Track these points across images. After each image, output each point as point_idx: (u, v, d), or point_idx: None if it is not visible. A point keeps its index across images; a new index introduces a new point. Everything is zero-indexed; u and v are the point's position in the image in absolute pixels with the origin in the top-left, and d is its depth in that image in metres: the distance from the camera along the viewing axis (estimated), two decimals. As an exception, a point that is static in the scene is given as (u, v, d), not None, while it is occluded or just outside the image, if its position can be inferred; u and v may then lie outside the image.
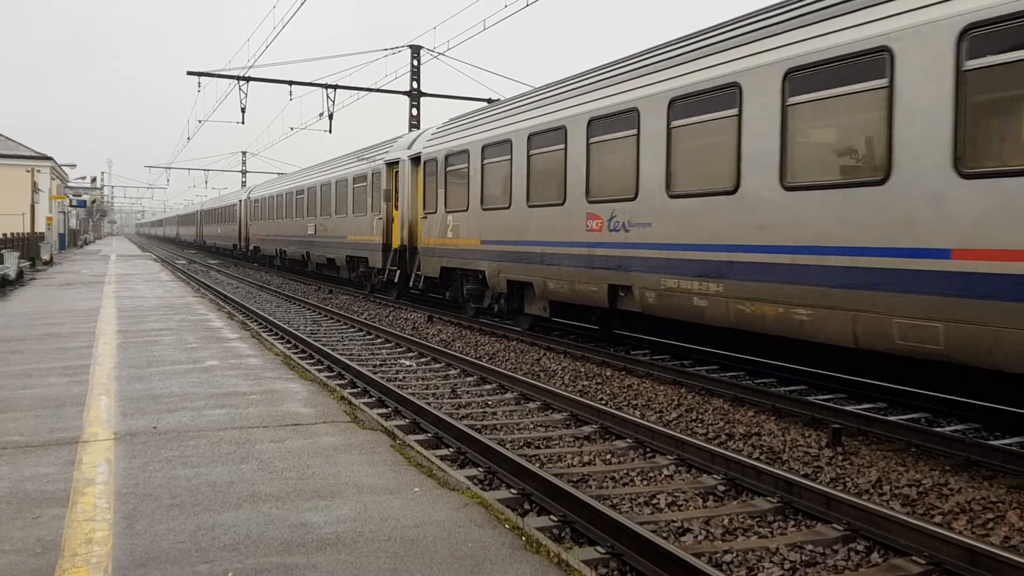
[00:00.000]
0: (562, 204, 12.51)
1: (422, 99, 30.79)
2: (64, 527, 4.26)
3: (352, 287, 25.43)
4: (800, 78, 8.14)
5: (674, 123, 10.05)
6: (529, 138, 13.58)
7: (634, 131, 10.80)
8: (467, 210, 15.78)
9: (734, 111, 9.00)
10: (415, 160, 19.22)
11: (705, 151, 9.69)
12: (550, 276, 12.88)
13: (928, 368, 8.35)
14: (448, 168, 16.83)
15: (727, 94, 9.11)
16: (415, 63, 30.37)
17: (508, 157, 14.26)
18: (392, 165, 20.68)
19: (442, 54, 28.11)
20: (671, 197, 10.17)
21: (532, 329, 14.48)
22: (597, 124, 11.71)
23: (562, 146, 12.57)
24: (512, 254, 14.03)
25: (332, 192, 26.09)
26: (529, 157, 13.58)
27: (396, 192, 20.49)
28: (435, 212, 17.31)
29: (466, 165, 15.92)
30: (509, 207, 14.19)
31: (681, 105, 9.92)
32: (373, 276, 22.37)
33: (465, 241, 15.95)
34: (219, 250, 56.22)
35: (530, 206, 13.52)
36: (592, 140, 11.80)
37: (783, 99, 8.33)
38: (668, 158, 10.20)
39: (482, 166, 15.30)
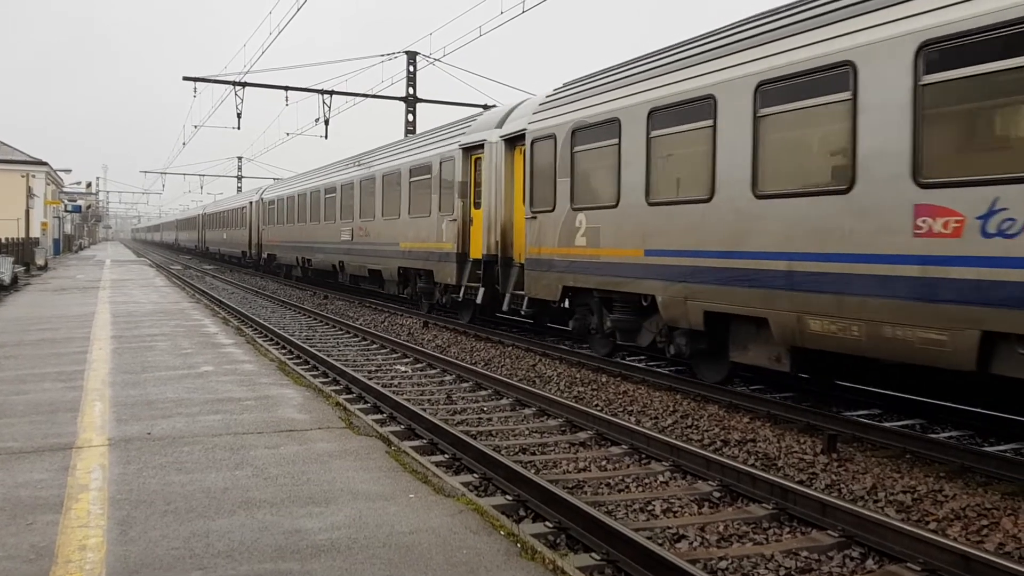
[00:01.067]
0: (847, 191, 7.72)
1: (418, 105, 30.83)
2: (58, 533, 4.25)
3: (403, 305, 21.15)
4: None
5: None
6: (759, 89, 8.76)
7: None
8: (616, 206, 11.24)
9: None
10: (511, 141, 14.78)
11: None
12: (810, 309, 8.06)
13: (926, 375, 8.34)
14: (578, 147, 12.23)
15: None
16: (411, 69, 30.40)
17: (709, 123, 9.50)
18: (471, 150, 16.12)
19: (438, 60, 28.21)
20: None
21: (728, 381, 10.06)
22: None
23: (847, 95, 7.73)
24: (718, 272, 9.30)
25: (377, 189, 21.34)
26: (759, 119, 8.77)
27: (474, 185, 16.06)
28: (551, 210, 12.81)
29: (615, 140, 11.29)
30: (710, 199, 9.45)
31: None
32: (438, 294, 17.70)
33: (613, 251, 11.37)
34: (225, 258, 50.63)
35: (761, 196, 8.75)
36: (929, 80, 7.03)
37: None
38: None
39: (649, 141, 10.60)
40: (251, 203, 40.01)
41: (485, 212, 15.49)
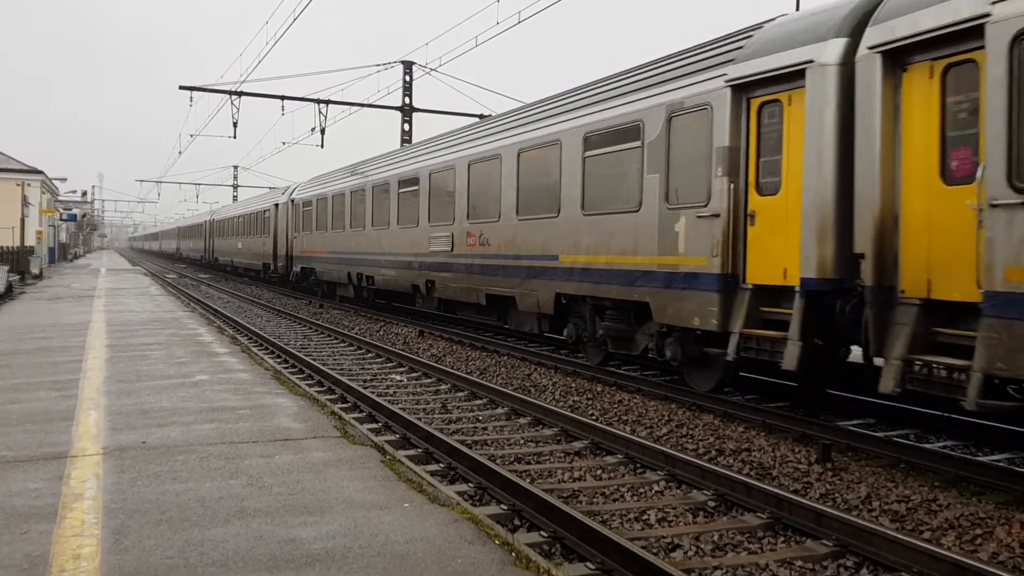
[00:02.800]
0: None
1: (414, 114, 30.89)
2: (52, 543, 4.24)
3: (561, 349, 14.43)
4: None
5: None
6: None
7: None
8: None
9: None
10: (895, 58, 7.18)
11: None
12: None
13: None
14: None
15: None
16: (407, 79, 30.48)
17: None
18: (755, 87, 8.98)
19: (434, 70, 28.25)
20: None
21: None
22: None
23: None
24: None
25: (507, 172, 14.13)
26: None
27: (756, 153, 9.00)
28: None
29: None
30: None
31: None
32: (652, 342, 10.58)
33: None
34: (239, 271, 43.10)
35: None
36: None
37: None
38: None
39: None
40: (276, 206, 32.60)
41: (800, 196, 8.32)
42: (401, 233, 18.93)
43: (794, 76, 8.33)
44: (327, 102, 29.23)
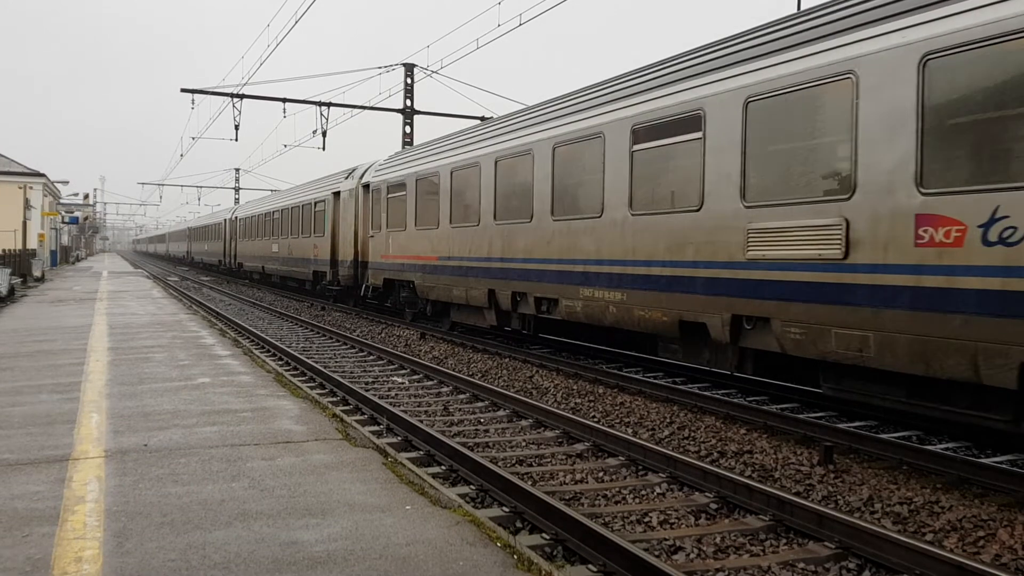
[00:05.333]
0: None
1: (416, 116, 30.92)
2: (54, 545, 4.24)
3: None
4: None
5: None
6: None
7: None
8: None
9: None
10: None
11: None
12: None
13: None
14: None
15: None
16: (409, 81, 30.51)
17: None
18: None
19: (436, 72, 28.25)
20: None
21: None
22: None
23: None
24: None
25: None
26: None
27: None
28: None
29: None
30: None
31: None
32: None
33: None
34: (275, 280, 34.96)
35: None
36: None
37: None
38: None
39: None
40: (335, 195, 24.59)
41: None
42: (657, 225, 10.22)
43: None
44: (329, 104, 29.26)
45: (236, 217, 43.29)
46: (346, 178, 23.84)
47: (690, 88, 9.71)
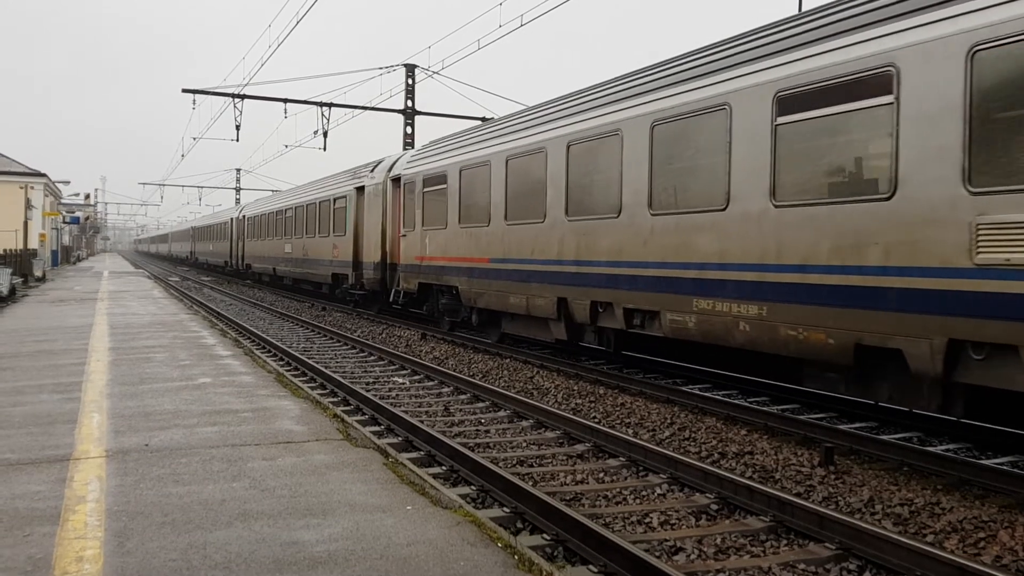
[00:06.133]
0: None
1: (417, 117, 30.94)
2: (55, 545, 4.24)
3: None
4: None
5: None
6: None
7: None
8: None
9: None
10: None
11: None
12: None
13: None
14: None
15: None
16: (410, 82, 30.52)
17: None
18: None
19: (437, 73, 28.28)
20: None
21: None
22: None
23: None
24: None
25: None
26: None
27: None
28: None
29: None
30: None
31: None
32: None
33: None
34: (287, 283, 32.57)
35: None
36: None
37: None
38: None
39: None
40: (359, 190, 22.21)
41: None
42: (818, 219, 8.04)
43: None
44: (330, 105, 29.28)
45: (244, 216, 41.15)
46: (371, 171, 21.59)
47: (877, 38, 7.41)
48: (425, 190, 17.36)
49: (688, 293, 9.50)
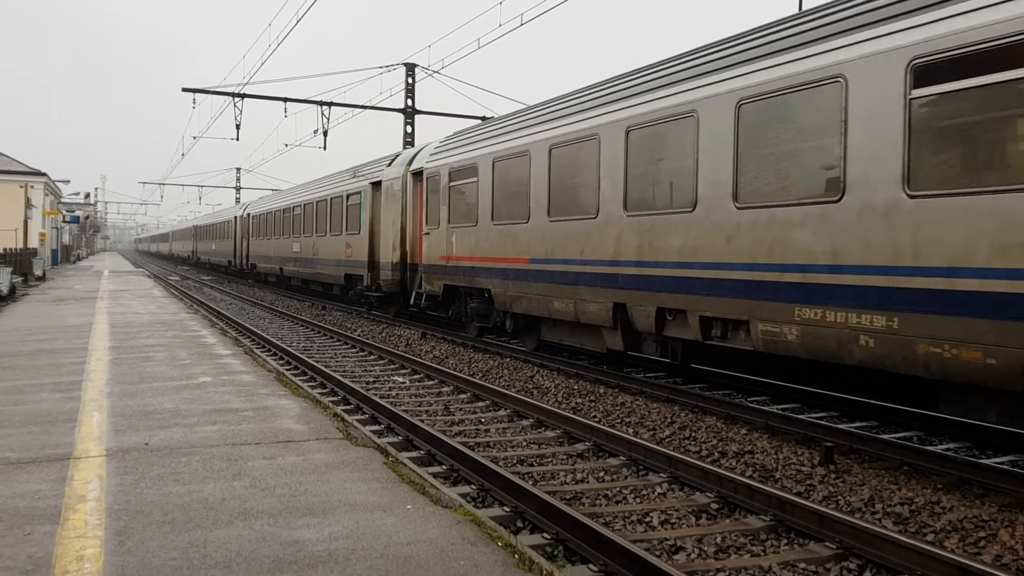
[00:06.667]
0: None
1: (417, 116, 30.93)
2: (55, 544, 4.24)
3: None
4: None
5: None
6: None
7: None
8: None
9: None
10: None
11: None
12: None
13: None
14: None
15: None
16: (410, 81, 30.51)
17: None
18: None
19: (437, 72, 28.26)
20: None
21: None
22: None
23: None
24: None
25: None
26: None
27: None
28: None
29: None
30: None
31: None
32: None
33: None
34: (294, 284, 31.67)
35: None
36: None
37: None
38: None
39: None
40: (375, 185, 21.24)
41: None
42: (978, 211, 6.57)
43: None
44: (330, 104, 29.26)
45: (249, 214, 39.57)
46: (389, 165, 20.37)
47: None
48: (452, 184, 16.00)
49: (789, 300, 8.07)
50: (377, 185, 20.93)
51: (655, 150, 10.15)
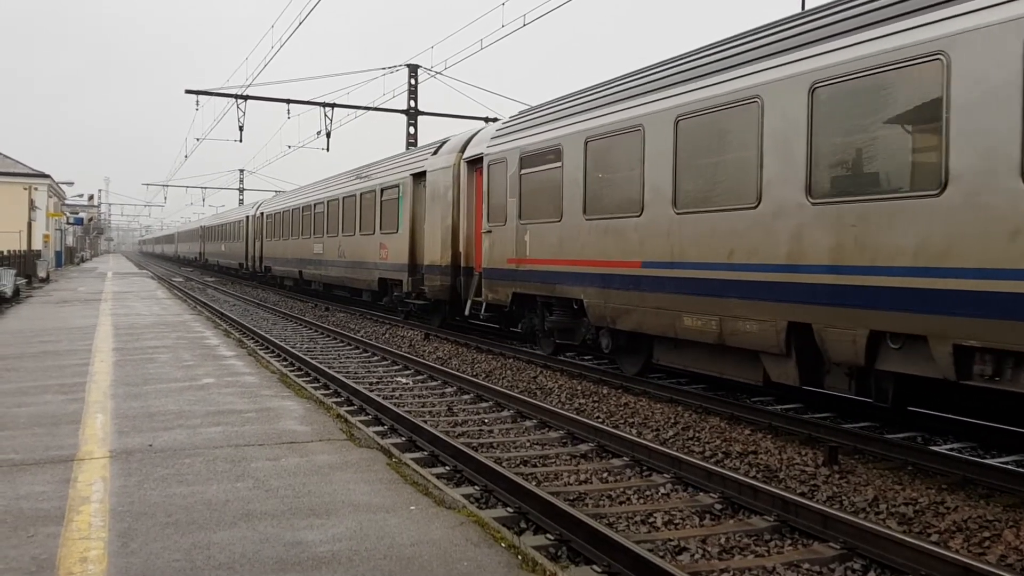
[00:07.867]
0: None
1: (419, 117, 30.95)
2: (59, 545, 4.25)
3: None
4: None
5: None
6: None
7: None
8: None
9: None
10: None
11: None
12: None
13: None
14: None
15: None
16: (413, 82, 30.53)
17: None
18: None
19: (440, 73, 28.29)
20: None
21: None
22: None
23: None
24: None
25: None
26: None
27: None
28: None
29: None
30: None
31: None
32: None
33: None
34: (314, 289, 28.94)
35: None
36: None
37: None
38: None
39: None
40: (416, 176, 18.75)
41: None
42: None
43: None
44: (333, 105, 29.29)
45: (262, 213, 36.59)
46: (435, 153, 17.68)
47: None
48: (523, 172, 13.26)
49: None
50: (419, 177, 18.37)
51: (854, 118, 7.46)
